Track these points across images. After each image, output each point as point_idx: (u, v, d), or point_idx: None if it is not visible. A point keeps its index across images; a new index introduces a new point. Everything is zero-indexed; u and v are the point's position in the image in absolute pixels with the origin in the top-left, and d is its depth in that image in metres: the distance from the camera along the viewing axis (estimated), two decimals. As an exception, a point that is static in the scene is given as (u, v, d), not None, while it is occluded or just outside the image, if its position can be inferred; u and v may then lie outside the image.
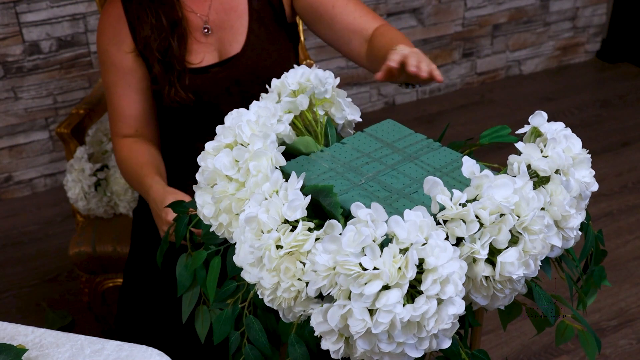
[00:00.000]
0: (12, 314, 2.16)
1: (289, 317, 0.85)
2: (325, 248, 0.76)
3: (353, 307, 0.73)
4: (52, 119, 2.66)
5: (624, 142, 2.95)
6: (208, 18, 1.48)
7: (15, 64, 2.52)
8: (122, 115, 1.49)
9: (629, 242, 2.38)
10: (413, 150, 0.98)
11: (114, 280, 1.77)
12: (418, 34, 3.15)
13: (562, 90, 3.34)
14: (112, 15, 1.47)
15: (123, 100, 1.48)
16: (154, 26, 1.43)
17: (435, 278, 0.73)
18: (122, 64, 1.47)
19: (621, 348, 1.98)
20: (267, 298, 0.84)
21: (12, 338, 1.04)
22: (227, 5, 1.49)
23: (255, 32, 1.49)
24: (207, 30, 1.48)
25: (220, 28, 1.49)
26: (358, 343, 0.75)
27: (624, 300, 2.14)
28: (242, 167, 0.90)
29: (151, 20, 1.43)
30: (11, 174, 2.70)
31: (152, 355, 1.00)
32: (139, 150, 1.47)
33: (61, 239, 2.47)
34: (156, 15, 1.43)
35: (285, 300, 0.82)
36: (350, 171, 0.93)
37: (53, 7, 2.48)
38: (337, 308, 0.75)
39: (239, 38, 1.49)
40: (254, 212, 0.83)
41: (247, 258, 0.84)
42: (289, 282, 0.80)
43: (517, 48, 3.42)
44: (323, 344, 0.79)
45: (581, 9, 3.47)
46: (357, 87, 3.16)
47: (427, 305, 0.73)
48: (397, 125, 1.04)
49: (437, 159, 0.96)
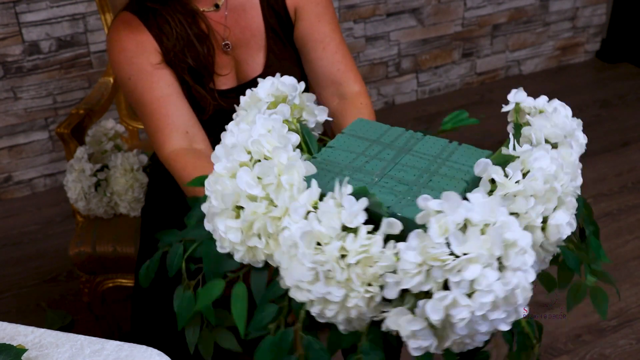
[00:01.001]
0: (12, 314, 2.16)
1: (349, 328, 0.83)
2: (409, 246, 0.76)
3: (456, 295, 0.74)
4: (52, 119, 2.66)
5: (624, 142, 2.95)
6: (226, 35, 1.45)
7: (15, 64, 2.52)
8: (174, 125, 1.35)
9: (629, 242, 2.38)
10: (401, 143, 0.98)
11: (114, 280, 1.77)
12: (418, 34, 3.15)
13: (562, 90, 3.34)
14: (128, 28, 1.40)
15: (170, 109, 1.35)
16: (179, 36, 1.38)
17: (516, 251, 0.76)
18: (155, 72, 1.37)
19: (621, 348, 1.98)
20: (330, 312, 0.80)
21: (11, 338, 1.04)
22: (243, 23, 1.46)
23: (273, 50, 1.47)
24: (227, 47, 1.45)
25: (237, 46, 1.46)
26: (459, 330, 0.76)
27: (624, 300, 2.14)
28: (273, 183, 0.85)
29: (175, 29, 1.37)
30: (11, 174, 2.70)
31: (151, 355, 1.00)
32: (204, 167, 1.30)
33: (61, 239, 2.46)
34: (180, 25, 1.38)
35: (355, 309, 0.79)
36: (356, 172, 0.93)
37: (53, 7, 2.48)
38: (437, 301, 0.75)
39: (257, 58, 1.46)
40: (307, 226, 0.79)
41: (304, 275, 0.79)
42: (361, 289, 0.78)
43: (516, 48, 3.42)
44: (412, 343, 0.78)
45: (581, 9, 3.47)
46: (356, 87, 3.16)
47: (516, 279, 0.76)
48: (371, 123, 1.04)
49: (428, 147, 0.97)
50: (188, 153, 1.33)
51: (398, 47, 3.14)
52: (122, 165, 1.72)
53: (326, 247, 0.78)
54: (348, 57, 1.48)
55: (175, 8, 1.40)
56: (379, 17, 3.04)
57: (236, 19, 1.46)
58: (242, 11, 1.46)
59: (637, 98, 3.30)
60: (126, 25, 1.40)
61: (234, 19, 1.45)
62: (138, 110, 1.40)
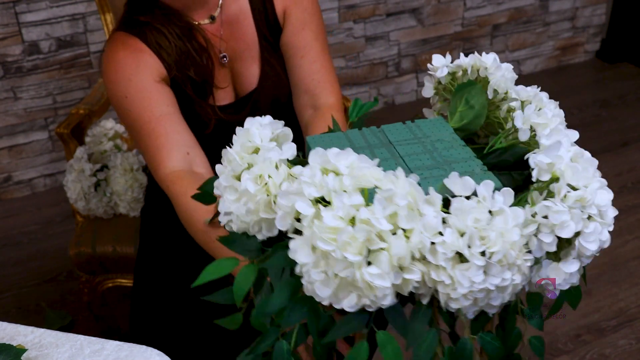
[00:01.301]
0: (12, 314, 2.16)
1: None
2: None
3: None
4: (51, 119, 2.66)
5: (624, 142, 2.95)
6: (222, 47, 1.42)
7: (15, 64, 2.52)
8: (174, 144, 1.27)
9: (629, 242, 2.39)
10: (378, 140, 0.96)
11: (114, 280, 1.77)
12: (417, 34, 3.16)
13: (562, 90, 3.35)
14: (127, 47, 1.34)
15: (170, 128, 1.28)
16: (179, 50, 1.34)
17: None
18: (155, 90, 1.31)
19: (621, 348, 1.99)
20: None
21: (11, 338, 1.04)
22: (237, 34, 1.43)
23: (267, 60, 1.44)
24: (225, 59, 1.42)
25: (233, 58, 1.44)
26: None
27: (624, 300, 2.14)
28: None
29: (174, 43, 1.34)
30: (11, 174, 2.70)
31: (151, 355, 1.00)
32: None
33: (61, 239, 2.47)
34: (178, 39, 1.34)
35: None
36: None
37: (52, 7, 2.48)
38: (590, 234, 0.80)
39: (252, 70, 1.44)
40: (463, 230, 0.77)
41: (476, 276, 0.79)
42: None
43: (516, 48, 3.42)
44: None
45: (580, 9, 3.47)
46: (356, 87, 3.16)
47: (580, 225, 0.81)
48: (326, 136, 0.98)
49: (399, 134, 0.97)
50: (188, 176, 1.23)
51: (398, 47, 3.15)
52: (121, 166, 1.73)
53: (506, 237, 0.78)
54: (327, 68, 1.45)
55: (171, 21, 1.35)
56: (378, 17, 3.04)
57: (231, 31, 1.43)
58: (235, 22, 1.43)
59: (637, 98, 3.30)
60: (124, 44, 1.34)
61: (228, 30, 1.43)
62: (134, 131, 1.32)
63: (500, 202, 0.78)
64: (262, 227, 0.86)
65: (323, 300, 0.77)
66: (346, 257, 0.73)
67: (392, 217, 0.76)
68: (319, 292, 0.76)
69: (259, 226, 0.86)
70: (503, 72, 1.03)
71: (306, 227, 0.77)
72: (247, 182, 0.85)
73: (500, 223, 0.77)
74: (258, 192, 0.84)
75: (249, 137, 0.90)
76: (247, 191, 0.84)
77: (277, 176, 0.85)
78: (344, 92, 3.11)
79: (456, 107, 1.02)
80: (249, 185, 0.84)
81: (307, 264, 0.77)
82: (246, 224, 0.86)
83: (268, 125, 0.91)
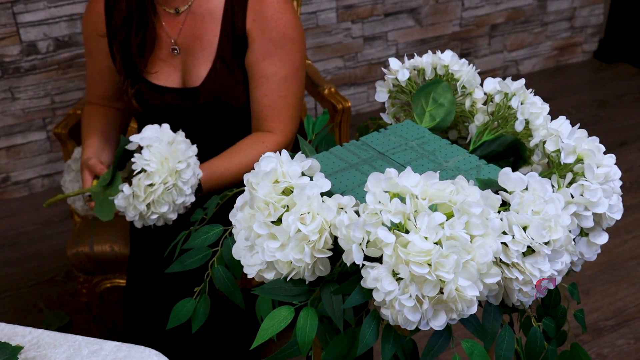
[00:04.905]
0: (10, 315, 2.15)
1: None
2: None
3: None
4: (49, 120, 2.66)
5: (622, 142, 2.95)
6: (177, 39, 1.48)
7: (13, 65, 2.52)
8: (93, 88, 1.61)
9: (627, 242, 2.39)
10: (369, 154, 0.94)
11: (112, 280, 1.77)
12: (416, 34, 3.16)
13: (560, 90, 3.35)
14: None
15: (95, 75, 1.58)
16: (126, 19, 1.45)
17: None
18: (94, 43, 1.53)
19: (619, 348, 1.99)
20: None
21: (9, 339, 1.04)
22: (198, 32, 1.47)
23: (216, 67, 1.46)
24: (175, 51, 1.48)
25: (186, 53, 1.48)
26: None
27: (622, 300, 2.15)
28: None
29: (123, 12, 1.44)
30: (8, 175, 2.70)
31: (149, 355, 1.00)
32: (96, 113, 1.59)
33: (59, 239, 2.46)
34: (128, 10, 1.44)
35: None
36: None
37: (50, 7, 2.48)
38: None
39: (200, 70, 1.47)
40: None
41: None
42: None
43: (514, 48, 3.42)
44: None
45: (578, 9, 3.47)
46: (354, 87, 3.16)
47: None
48: (321, 155, 0.97)
49: (383, 143, 0.96)
50: (98, 106, 1.62)
51: (396, 47, 3.15)
52: (120, 166, 1.72)
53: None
54: (279, 105, 1.46)
55: None
56: (376, 17, 3.04)
57: (192, 28, 1.47)
58: (200, 22, 1.46)
59: (635, 98, 3.30)
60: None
61: (190, 27, 1.47)
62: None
63: (550, 191, 0.81)
64: (315, 268, 0.81)
65: (413, 325, 0.74)
66: (442, 277, 0.71)
67: (465, 227, 0.75)
68: (410, 318, 0.74)
69: (313, 267, 0.81)
70: (468, 68, 1.03)
71: (389, 254, 0.73)
72: (294, 223, 0.79)
73: (553, 210, 0.80)
74: (311, 233, 0.79)
75: (276, 177, 0.83)
76: (301, 233, 0.79)
77: (328, 213, 0.80)
78: (342, 92, 3.11)
79: (423, 107, 1.01)
80: (299, 227, 0.79)
81: (393, 292, 0.73)
82: (296, 267, 0.80)
83: (295, 162, 0.85)
